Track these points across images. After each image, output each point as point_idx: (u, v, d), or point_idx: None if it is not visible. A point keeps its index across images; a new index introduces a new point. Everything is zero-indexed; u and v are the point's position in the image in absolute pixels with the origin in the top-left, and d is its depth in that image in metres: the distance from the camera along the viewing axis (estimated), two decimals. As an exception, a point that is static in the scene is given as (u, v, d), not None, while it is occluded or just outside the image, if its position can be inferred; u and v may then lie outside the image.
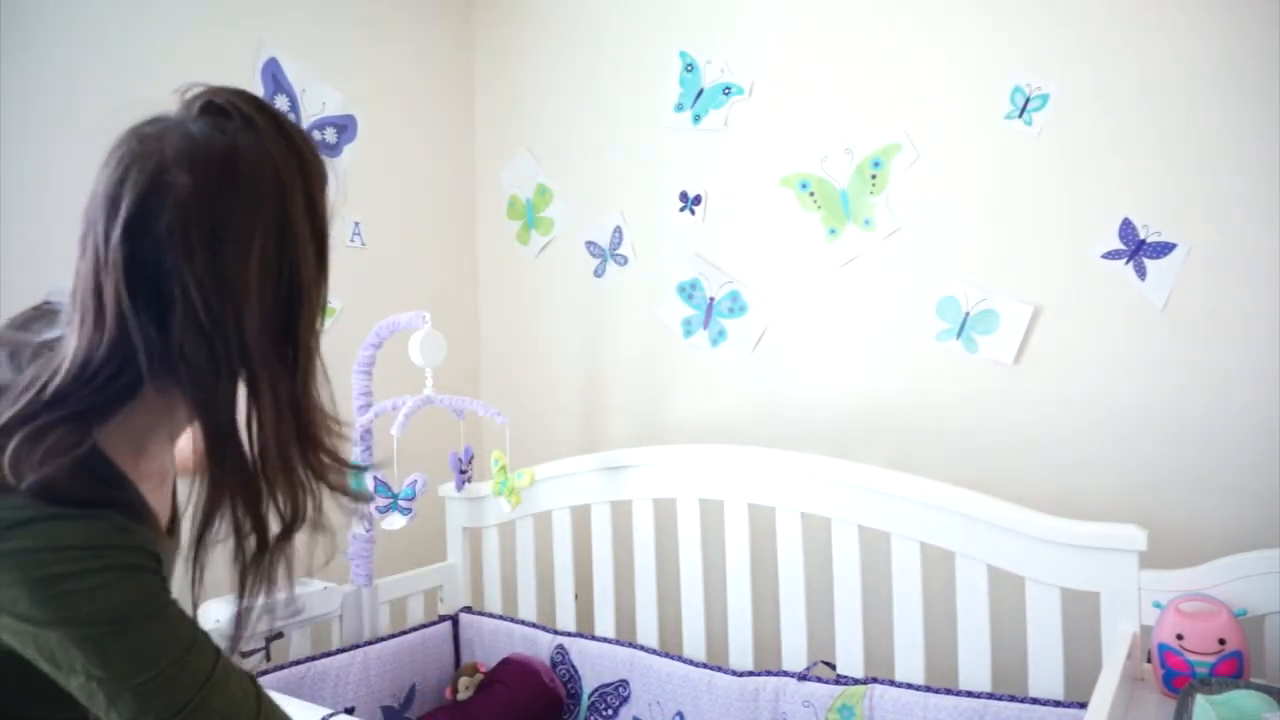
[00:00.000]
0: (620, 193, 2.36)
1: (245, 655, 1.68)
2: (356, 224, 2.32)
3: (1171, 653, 1.22)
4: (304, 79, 2.19)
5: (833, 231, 2.02)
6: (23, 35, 1.73)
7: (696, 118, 2.21)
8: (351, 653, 1.81)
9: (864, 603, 1.60)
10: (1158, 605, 1.29)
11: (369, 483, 1.73)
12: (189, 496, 0.75)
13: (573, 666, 1.89)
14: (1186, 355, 1.65)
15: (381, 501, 1.72)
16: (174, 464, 0.88)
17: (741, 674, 1.66)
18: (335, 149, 2.27)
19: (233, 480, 0.73)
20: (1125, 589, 1.32)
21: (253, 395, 0.72)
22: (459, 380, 2.54)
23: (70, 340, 0.70)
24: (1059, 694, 1.38)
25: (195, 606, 0.75)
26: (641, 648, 1.82)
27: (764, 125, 2.11)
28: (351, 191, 2.31)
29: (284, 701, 1.28)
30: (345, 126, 2.29)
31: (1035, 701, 1.37)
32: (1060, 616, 1.39)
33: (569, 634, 1.93)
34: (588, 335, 2.44)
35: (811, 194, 2.05)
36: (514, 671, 1.88)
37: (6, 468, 0.66)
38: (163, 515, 0.84)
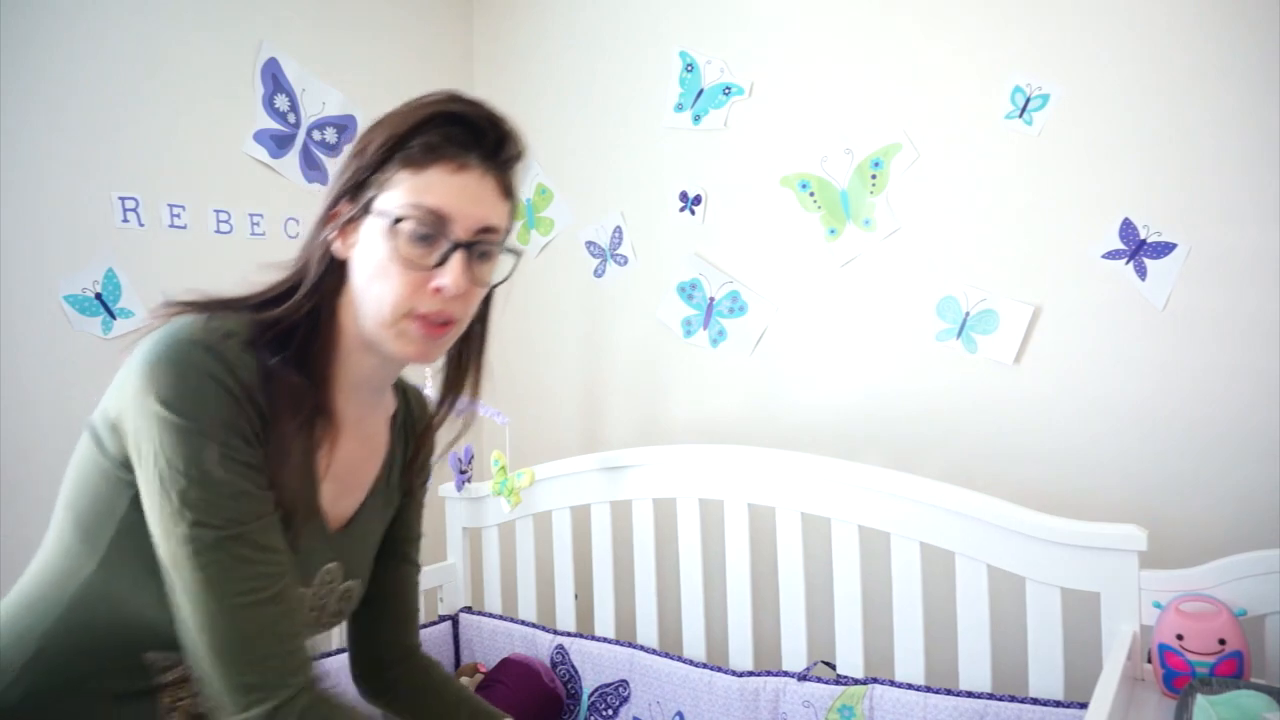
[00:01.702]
0: (620, 193, 2.36)
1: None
2: (356, 224, 2.32)
3: (1171, 653, 1.22)
4: (304, 79, 2.19)
5: (833, 231, 2.02)
6: (22, 35, 1.73)
7: (696, 118, 2.21)
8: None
9: (864, 603, 1.60)
10: (1158, 605, 1.29)
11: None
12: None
13: (573, 666, 1.89)
14: (1186, 355, 1.65)
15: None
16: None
17: (741, 674, 1.66)
18: (335, 149, 2.27)
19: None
20: (1125, 589, 1.32)
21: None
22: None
23: None
24: (1059, 694, 1.38)
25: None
26: (641, 648, 1.82)
27: (764, 125, 2.11)
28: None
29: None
30: (345, 126, 2.29)
31: (1035, 702, 1.37)
32: (1060, 616, 1.38)
33: (569, 634, 1.93)
34: (588, 335, 2.44)
35: (811, 194, 2.05)
36: (514, 671, 1.88)
37: None
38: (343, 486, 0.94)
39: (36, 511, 1.75)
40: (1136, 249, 1.68)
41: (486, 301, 0.97)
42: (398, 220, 0.82)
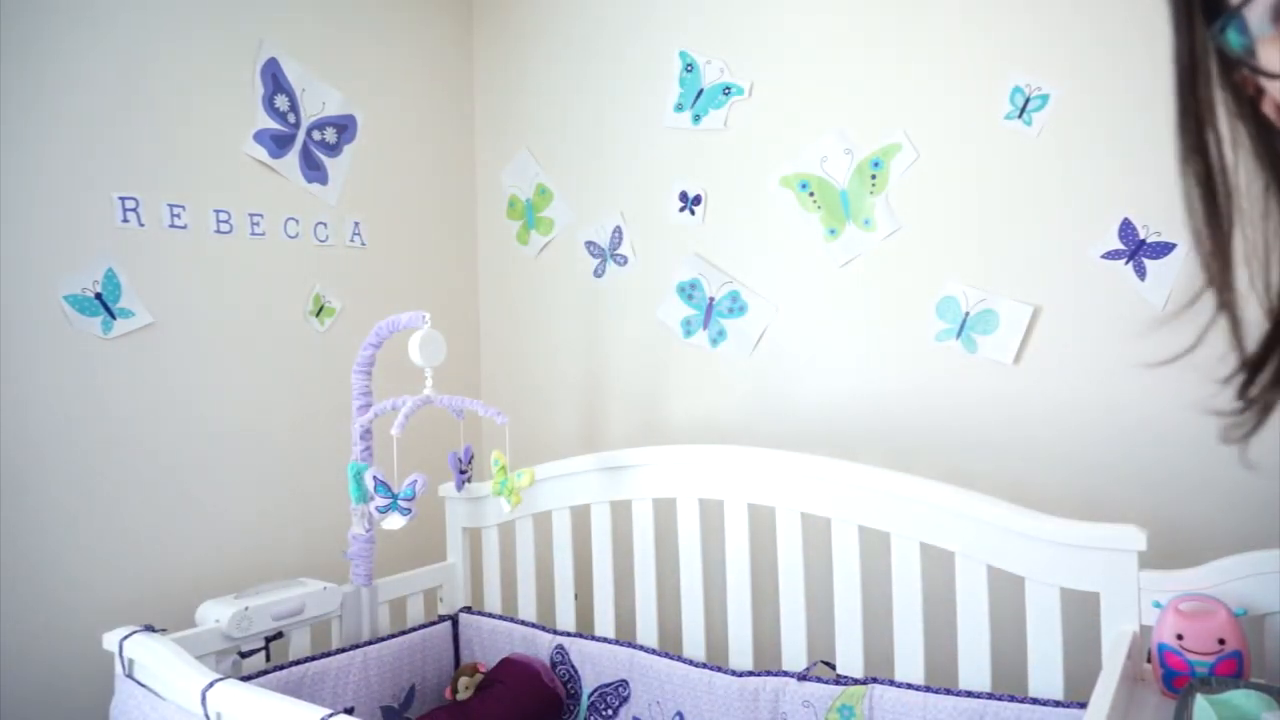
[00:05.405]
0: (620, 193, 2.36)
1: (245, 655, 1.68)
2: (356, 224, 2.32)
3: (1171, 653, 1.22)
4: (304, 79, 2.19)
5: (832, 231, 2.02)
6: (22, 35, 1.73)
7: (696, 118, 2.21)
8: (351, 653, 1.81)
9: (864, 603, 1.60)
10: (1157, 605, 1.29)
11: (369, 482, 1.73)
12: None
13: (572, 666, 1.89)
14: (1186, 355, 1.64)
15: (381, 501, 1.72)
16: None
17: (741, 674, 1.66)
18: (335, 149, 2.27)
19: None
20: (1125, 589, 1.32)
21: None
22: (459, 380, 2.55)
23: None
24: (1059, 694, 1.38)
25: None
26: (641, 648, 1.82)
27: (764, 125, 2.11)
28: (351, 191, 2.31)
29: (284, 702, 1.28)
30: (345, 126, 2.29)
31: (1035, 701, 1.37)
32: (1060, 616, 1.39)
33: (569, 634, 1.93)
34: (588, 335, 2.44)
35: (811, 194, 2.05)
36: (514, 671, 1.88)
37: None
38: None
39: (37, 511, 1.75)
40: (1136, 249, 1.68)
41: None
42: None
